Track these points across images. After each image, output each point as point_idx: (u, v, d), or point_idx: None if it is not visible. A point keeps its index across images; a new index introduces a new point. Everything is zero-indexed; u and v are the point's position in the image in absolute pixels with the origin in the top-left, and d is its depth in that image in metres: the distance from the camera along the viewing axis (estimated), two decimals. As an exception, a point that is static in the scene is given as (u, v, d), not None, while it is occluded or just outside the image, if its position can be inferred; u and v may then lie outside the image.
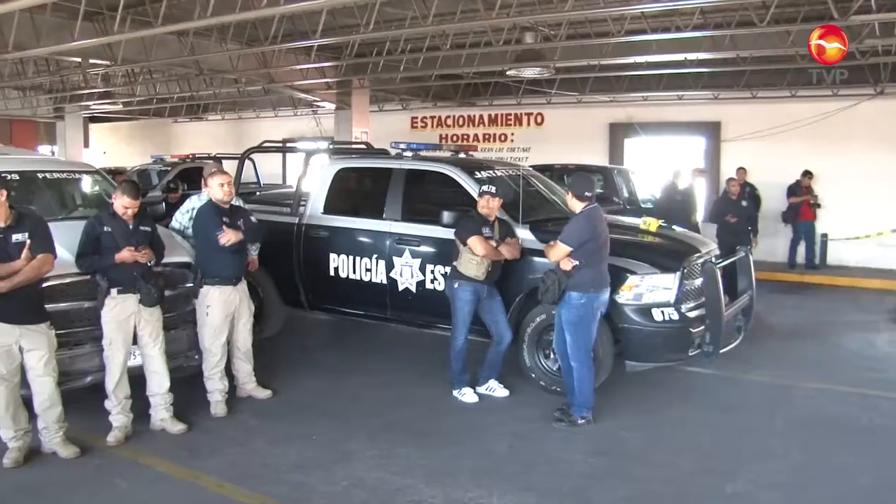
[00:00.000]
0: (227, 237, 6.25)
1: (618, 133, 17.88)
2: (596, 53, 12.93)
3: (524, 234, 6.94)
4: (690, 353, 6.71)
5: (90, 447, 5.63)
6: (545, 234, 6.91)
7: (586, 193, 6.13)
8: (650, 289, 6.55)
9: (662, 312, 6.52)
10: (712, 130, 16.62)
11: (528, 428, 6.15)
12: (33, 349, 5.28)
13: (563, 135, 18.13)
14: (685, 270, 6.69)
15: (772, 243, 14.72)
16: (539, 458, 5.59)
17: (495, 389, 6.85)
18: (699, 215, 11.59)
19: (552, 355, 6.81)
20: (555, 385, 6.76)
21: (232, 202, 6.69)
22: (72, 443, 5.54)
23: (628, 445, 5.86)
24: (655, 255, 6.86)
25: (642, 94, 16.76)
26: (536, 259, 6.83)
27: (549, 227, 7.12)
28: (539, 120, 19.21)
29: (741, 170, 14.50)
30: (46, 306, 5.47)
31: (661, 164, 15.08)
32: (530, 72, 14.26)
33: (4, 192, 5.17)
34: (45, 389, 5.37)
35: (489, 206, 6.59)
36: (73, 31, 10.80)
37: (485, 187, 6.68)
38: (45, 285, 5.47)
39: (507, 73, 14.65)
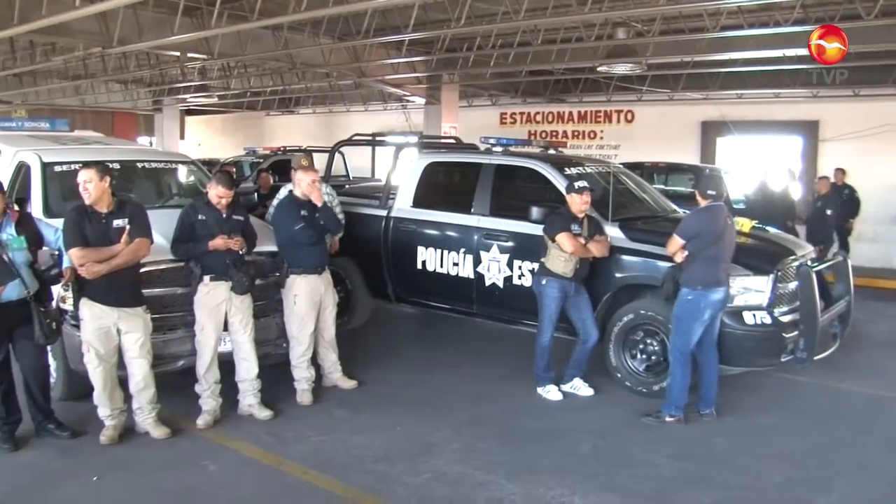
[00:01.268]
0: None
1: (710, 131, 17.48)
2: (690, 49, 12.65)
3: (613, 231, 6.84)
4: (783, 359, 6.51)
5: (180, 429, 5.82)
6: (635, 232, 6.82)
7: (709, 192, 6.08)
8: (741, 291, 6.38)
9: (754, 316, 6.35)
10: (810, 130, 16.08)
11: (612, 428, 6.08)
12: (130, 331, 5.48)
13: (654, 132, 17.84)
14: (779, 273, 6.50)
15: (871, 248, 14.18)
16: (622, 460, 5.51)
17: (580, 388, 6.79)
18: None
19: (639, 355, 6.73)
20: (640, 386, 6.67)
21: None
22: (163, 424, 5.72)
23: (715, 451, 5.72)
24: (748, 256, 6.65)
25: (737, 91, 16.34)
26: (625, 257, 6.76)
27: (640, 226, 7.02)
28: (629, 117, 18.93)
29: (839, 171, 13.99)
30: (143, 291, 5.66)
31: (755, 164, 14.68)
32: (621, 68, 14.06)
33: (108, 179, 5.39)
34: (139, 371, 5.57)
35: (585, 201, 6.52)
36: (172, 26, 11.13)
37: (579, 183, 6.59)
38: (141, 271, 5.65)
39: (598, 69, 14.47)
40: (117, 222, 5.41)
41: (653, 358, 6.66)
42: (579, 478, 5.16)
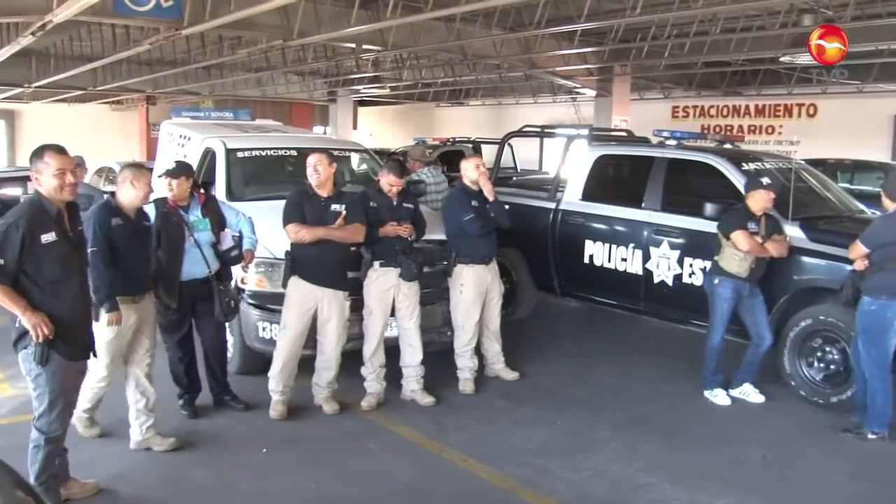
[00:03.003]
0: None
1: (904, 126, 16.35)
2: (885, 36, 11.80)
3: (793, 231, 6.48)
4: None
5: (346, 409, 5.99)
6: (817, 232, 6.44)
7: None
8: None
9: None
10: None
11: (783, 439, 5.76)
12: (329, 312, 5.73)
13: (838, 127, 16.86)
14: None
15: None
16: (794, 474, 5.21)
17: (749, 394, 6.48)
18: None
19: (816, 364, 6.35)
20: (816, 396, 6.29)
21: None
22: (335, 400, 5.96)
23: (903, 473, 5.30)
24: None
25: (938, 82, 15.16)
26: (805, 259, 6.39)
27: (822, 226, 6.63)
28: (811, 111, 18.00)
29: None
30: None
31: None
32: (806, 58, 13.32)
33: (335, 165, 5.79)
34: (328, 350, 5.83)
35: (770, 198, 6.22)
36: (349, 18, 11.52)
37: (766, 180, 6.31)
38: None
39: (780, 59, 13.79)
40: (335, 207, 5.71)
41: (832, 367, 6.25)
42: (746, 488, 4.93)
